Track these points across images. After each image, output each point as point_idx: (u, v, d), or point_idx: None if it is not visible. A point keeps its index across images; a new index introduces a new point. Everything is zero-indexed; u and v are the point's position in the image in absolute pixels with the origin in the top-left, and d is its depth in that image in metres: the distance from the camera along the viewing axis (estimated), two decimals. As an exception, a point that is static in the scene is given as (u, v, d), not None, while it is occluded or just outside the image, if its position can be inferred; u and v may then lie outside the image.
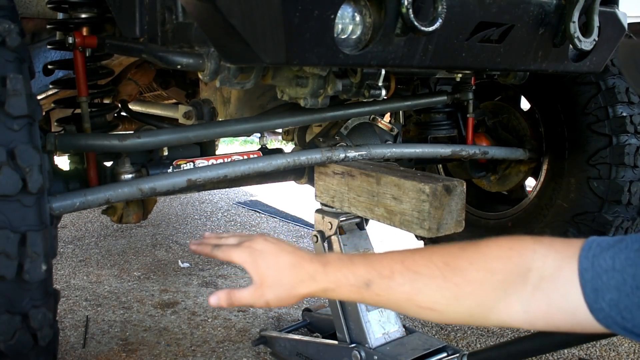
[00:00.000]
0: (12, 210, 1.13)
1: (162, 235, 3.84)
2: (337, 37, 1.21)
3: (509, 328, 2.59)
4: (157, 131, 1.67)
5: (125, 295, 2.83)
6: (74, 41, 1.57)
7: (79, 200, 1.44)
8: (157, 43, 1.44)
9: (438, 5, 1.23)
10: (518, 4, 1.43)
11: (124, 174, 1.68)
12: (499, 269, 0.86)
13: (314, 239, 1.90)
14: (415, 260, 0.91)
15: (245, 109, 2.11)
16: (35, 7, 1.93)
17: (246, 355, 2.25)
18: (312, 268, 0.98)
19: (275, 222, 4.25)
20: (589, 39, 1.52)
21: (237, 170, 1.69)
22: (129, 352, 2.26)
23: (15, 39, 1.20)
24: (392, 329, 1.84)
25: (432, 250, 0.94)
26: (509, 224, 2.62)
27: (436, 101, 2.23)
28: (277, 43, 1.15)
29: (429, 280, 0.89)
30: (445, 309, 0.89)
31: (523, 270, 0.85)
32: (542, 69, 1.62)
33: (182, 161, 1.80)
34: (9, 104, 1.14)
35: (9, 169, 1.12)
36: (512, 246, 0.88)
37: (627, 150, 2.18)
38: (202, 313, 2.63)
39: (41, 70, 1.96)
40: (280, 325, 2.49)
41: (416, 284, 0.90)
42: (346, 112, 1.93)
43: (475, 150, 2.22)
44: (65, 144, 1.53)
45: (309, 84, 1.60)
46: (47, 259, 1.18)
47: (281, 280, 0.99)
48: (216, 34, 1.26)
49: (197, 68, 1.38)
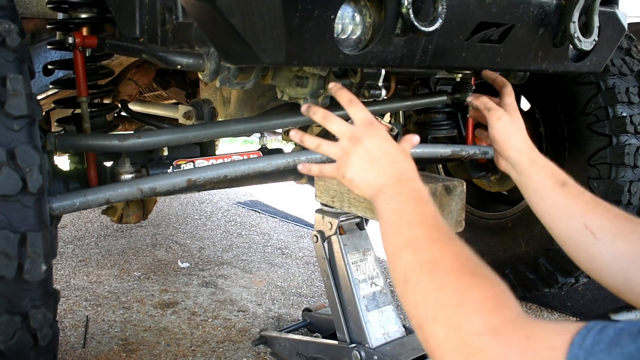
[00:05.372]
0: (12, 210, 1.13)
1: (162, 235, 3.84)
2: (337, 37, 1.21)
3: (509, 328, 2.59)
4: (157, 131, 1.67)
5: (125, 295, 2.83)
6: (74, 41, 1.57)
7: (79, 200, 1.44)
8: (157, 43, 1.44)
9: (438, 5, 1.23)
10: (518, 4, 1.43)
11: (124, 174, 1.68)
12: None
13: (314, 239, 1.90)
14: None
15: (245, 109, 2.11)
16: (35, 7, 1.93)
17: (246, 355, 2.26)
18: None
19: (275, 222, 4.25)
20: (589, 39, 1.51)
21: (237, 170, 1.69)
22: (129, 352, 2.26)
23: (15, 39, 1.20)
24: (392, 329, 1.84)
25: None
26: (509, 224, 2.62)
27: (436, 101, 2.23)
28: (277, 43, 1.15)
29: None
30: None
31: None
32: (542, 69, 1.62)
33: (182, 161, 1.80)
34: (9, 104, 1.14)
35: (9, 169, 1.12)
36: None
37: (627, 150, 2.18)
38: (202, 313, 2.63)
39: (41, 70, 1.97)
40: (280, 325, 2.49)
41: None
42: (346, 112, 1.92)
43: (475, 150, 2.22)
44: (65, 144, 1.53)
45: (309, 84, 1.60)
46: (47, 259, 1.18)
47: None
48: (216, 34, 1.26)
49: (197, 68, 1.38)
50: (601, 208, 1.06)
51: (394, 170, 1.01)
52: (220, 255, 3.47)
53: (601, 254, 1.02)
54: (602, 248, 1.02)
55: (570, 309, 2.77)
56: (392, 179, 0.99)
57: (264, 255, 3.51)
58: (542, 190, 1.15)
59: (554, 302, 2.83)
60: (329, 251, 1.87)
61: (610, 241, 1.01)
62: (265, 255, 3.51)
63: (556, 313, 2.72)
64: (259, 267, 3.28)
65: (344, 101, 1.16)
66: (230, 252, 3.55)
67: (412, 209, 0.93)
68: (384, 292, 1.88)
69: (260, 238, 3.85)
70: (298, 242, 3.77)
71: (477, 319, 0.70)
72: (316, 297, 2.86)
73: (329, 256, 1.87)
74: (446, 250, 0.83)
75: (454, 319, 0.72)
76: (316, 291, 2.95)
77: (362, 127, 1.08)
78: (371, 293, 1.85)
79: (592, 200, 1.08)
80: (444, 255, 0.82)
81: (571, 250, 1.10)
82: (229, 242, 3.75)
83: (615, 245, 1.01)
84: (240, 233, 3.95)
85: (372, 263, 1.89)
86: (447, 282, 0.77)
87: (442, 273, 0.79)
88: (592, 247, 1.04)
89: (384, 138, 1.06)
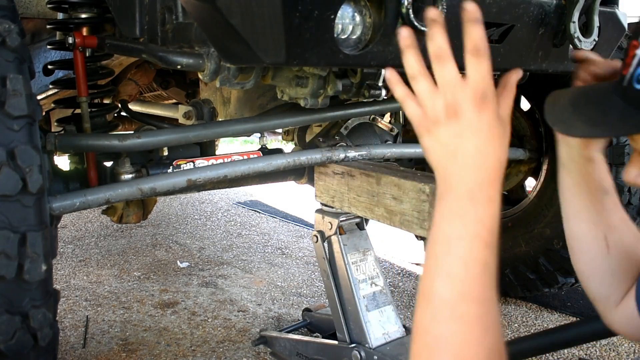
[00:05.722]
0: (12, 210, 1.13)
1: (162, 235, 3.84)
2: (337, 37, 1.21)
3: (508, 329, 2.59)
4: (157, 131, 1.67)
5: (125, 295, 2.83)
6: (74, 41, 1.57)
7: (79, 200, 1.44)
8: (157, 43, 1.44)
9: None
10: (518, 4, 1.43)
11: (124, 174, 1.68)
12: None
13: (314, 239, 1.90)
14: None
15: (245, 109, 2.11)
16: (35, 7, 1.93)
17: (246, 355, 2.26)
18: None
19: (275, 222, 4.25)
20: (589, 39, 1.52)
21: (237, 170, 1.69)
22: (129, 352, 2.26)
23: (15, 39, 1.20)
24: (392, 329, 1.84)
25: None
26: (509, 224, 2.62)
27: (436, 101, 2.22)
28: (277, 43, 1.14)
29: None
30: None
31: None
32: (542, 69, 1.62)
33: (182, 161, 1.80)
34: (9, 104, 1.14)
35: (9, 169, 1.12)
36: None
37: (627, 150, 2.18)
38: (202, 313, 2.63)
39: (41, 70, 1.97)
40: (280, 325, 2.48)
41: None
42: (346, 112, 1.93)
43: (475, 150, 2.21)
44: (65, 144, 1.53)
45: (309, 84, 1.60)
46: (47, 259, 1.18)
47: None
48: (216, 34, 1.26)
49: (197, 68, 1.38)
50: (628, 231, 1.05)
51: (475, 177, 0.75)
52: (220, 255, 3.47)
53: (603, 266, 1.05)
54: (605, 262, 1.04)
55: (570, 309, 2.77)
56: (465, 191, 0.75)
57: (264, 255, 3.51)
58: (583, 187, 1.08)
59: (554, 302, 2.83)
60: (329, 251, 1.87)
61: (617, 259, 1.03)
62: (265, 255, 3.51)
63: (556, 313, 2.72)
64: (259, 267, 3.28)
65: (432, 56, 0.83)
66: (230, 252, 3.55)
67: (460, 254, 0.73)
68: (384, 292, 1.88)
69: (260, 238, 3.85)
70: (298, 242, 3.77)
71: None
72: (316, 297, 2.86)
73: (329, 256, 1.87)
74: (456, 339, 0.70)
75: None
76: (316, 291, 2.95)
77: (470, 99, 0.76)
78: (371, 293, 1.85)
79: (623, 220, 1.06)
80: (450, 342, 0.70)
81: (577, 252, 1.09)
82: (229, 242, 3.75)
83: (619, 264, 1.03)
84: (240, 233, 3.95)
85: (372, 263, 1.89)
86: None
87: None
88: (597, 258, 1.05)
89: (491, 128, 0.76)
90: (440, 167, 0.79)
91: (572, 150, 1.08)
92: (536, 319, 2.67)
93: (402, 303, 2.79)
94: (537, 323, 2.63)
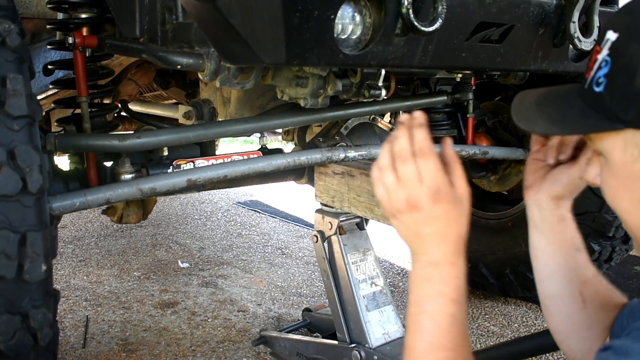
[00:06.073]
0: (12, 210, 1.13)
1: (162, 235, 3.84)
2: (337, 37, 1.21)
3: (508, 329, 2.59)
4: (157, 131, 1.67)
5: (125, 295, 2.83)
6: (74, 41, 1.57)
7: (79, 200, 1.44)
8: (157, 43, 1.44)
9: (438, 5, 1.23)
10: (518, 4, 1.43)
11: (124, 174, 1.68)
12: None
13: (314, 239, 1.90)
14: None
15: (245, 109, 2.11)
16: (35, 7, 1.93)
17: (246, 355, 2.26)
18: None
19: (275, 222, 4.25)
20: (589, 39, 1.52)
21: (237, 170, 1.69)
22: (129, 352, 2.26)
23: (15, 39, 1.20)
24: (392, 329, 1.84)
25: None
26: (509, 224, 2.62)
27: (436, 101, 2.23)
28: (277, 43, 1.14)
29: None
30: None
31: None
32: (542, 69, 1.62)
33: (182, 161, 1.80)
34: (9, 104, 1.14)
35: (9, 169, 1.12)
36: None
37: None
38: (202, 313, 2.63)
39: (41, 70, 1.96)
40: (280, 325, 2.49)
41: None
42: (346, 112, 1.93)
43: (475, 150, 2.22)
44: (65, 144, 1.53)
45: (309, 84, 1.59)
46: (47, 259, 1.18)
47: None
48: (216, 34, 1.26)
49: (197, 68, 1.38)
50: (600, 283, 1.08)
51: (437, 250, 0.88)
52: (220, 255, 3.47)
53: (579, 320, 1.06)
54: (582, 317, 1.06)
55: (570, 309, 2.77)
56: (430, 260, 0.88)
57: (264, 255, 3.51)
58: (556, 246, 1.11)
59: (554, 302, 2.83)
60: (329, 251, 1.87)
61: (594, 311, 1.04)
62: (265, 255, 3.51)
63: (556, 313, 2.72)
64: (259, 267, 3.28)
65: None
66: (230, 252, 3.55)
67: (429, 310, 0.86)
68: (384, 292, 1.88)
69: (260, 238, 3.85)
70: (298, 242, 3.77)
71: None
72: (316, 297, 2.86)
73: (329, 256, 1.87)
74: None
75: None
76: (316, 291, 2.95)
77: (426, 195, 0.87)
78: (371, 293, 1.85)
79: (594, 274, 1.08)
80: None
81: (553, 311, 1.12)
82: (229, 242, 3.75)
83: (596, 316, 1.04)
84: (240, 233, 3.95)
85: (372, 263, 1.89)
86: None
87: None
88: (574, 314, 1.07)
89: (447, 214, 0.87)
90: (408, 243, 0.92)
91: (544, 212, 1.12)
92: (536, 319, 2.68)
93: (402, 303, 2.79)
94: (537, 323, 2.63)
